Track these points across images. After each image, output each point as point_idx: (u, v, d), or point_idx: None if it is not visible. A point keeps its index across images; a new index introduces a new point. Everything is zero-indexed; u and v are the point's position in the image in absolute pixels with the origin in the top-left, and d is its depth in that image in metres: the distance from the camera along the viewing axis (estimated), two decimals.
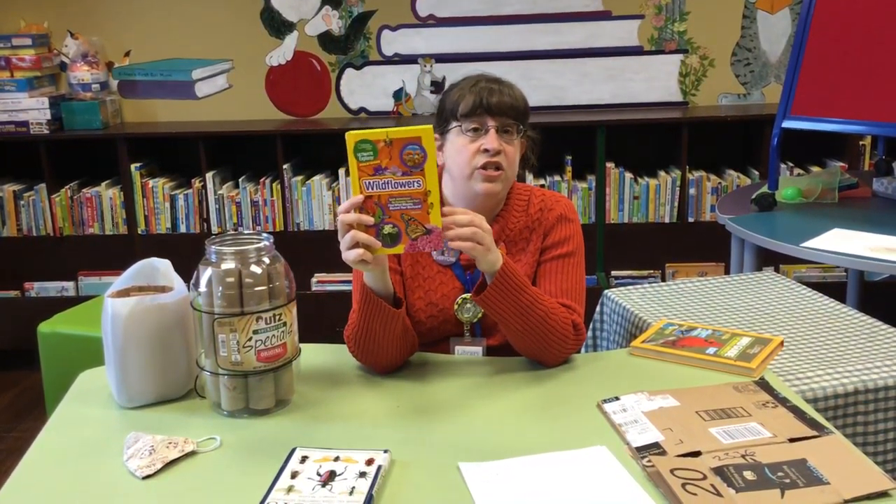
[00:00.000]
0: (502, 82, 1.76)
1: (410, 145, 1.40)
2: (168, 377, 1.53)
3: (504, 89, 1.73)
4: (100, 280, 3.80)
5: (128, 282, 1.59)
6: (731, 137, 3.86)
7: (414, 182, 1.41)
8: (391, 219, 1.43)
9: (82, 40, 3.82)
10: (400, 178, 1.41)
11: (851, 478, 1.21)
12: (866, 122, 2.62)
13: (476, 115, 1.70)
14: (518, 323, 1.60)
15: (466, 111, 1.70)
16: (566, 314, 1.66)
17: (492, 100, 1.70)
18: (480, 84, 1.73)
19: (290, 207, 3.71)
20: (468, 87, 1.73)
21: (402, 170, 1.41)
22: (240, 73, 3.92)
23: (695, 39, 3.81)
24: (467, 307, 1.74)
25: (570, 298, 1.73)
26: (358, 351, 1.64)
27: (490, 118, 1.70)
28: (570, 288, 1.74)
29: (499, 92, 1.71)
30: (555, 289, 1.73)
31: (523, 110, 1.75)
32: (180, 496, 1.25)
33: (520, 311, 1.59)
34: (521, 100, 1.75)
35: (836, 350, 1.82)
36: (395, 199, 1.42)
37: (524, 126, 1.76)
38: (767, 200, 2.72)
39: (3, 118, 3.69)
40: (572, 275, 1.76)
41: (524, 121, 1.76)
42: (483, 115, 1.70)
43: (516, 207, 1.80)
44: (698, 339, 1.73)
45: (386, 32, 3.86)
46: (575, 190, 3.67)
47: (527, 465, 1.30)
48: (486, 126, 1.70)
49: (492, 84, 1.73)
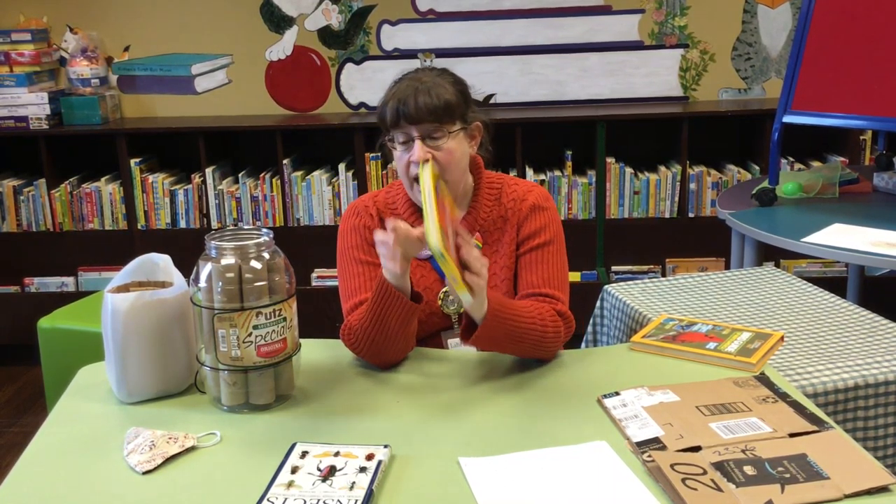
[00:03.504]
0: (423, 81, 1.65)
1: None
2: (168, 372, 1.53)
3: (424, 88, 1.63)
4: (100, 275, 3.80)
5: (128, 277, 1.59)
6: (731, 132, 3.85)
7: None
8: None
9: (82, 35, 3.82)
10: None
11: (851, 473, 1.21)
12: (867, 117, 2.62)
13: (399, 126, 1.64)
14: (514, 349, 1.61)
15: (391, 123, 1.65)
16: (553, 316, 1.64)
17: (409, 108, 1.62)
18: (401, 89, 1.65)
19: (290, 203, 3.71)
20: (391, 94, 1.67)
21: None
22: (239, 68, 3.92)
23: (695, 34, 3.81)
24: (451, 299, 1.73)
25: (553, 287, 1.70)
26: (364, 346, 1.62)
27: (413, 127, 1.63)
28: (551, 276, 1.71)
29: (414, 96, 1.62)
30: (536, 279, 1.71)
31: (450, 106, 1.65)
32: (180, 491, 1.25)
33: (514, 340, 1.57)
34: (443, 97, 1.64)
35: (837, 345, 1.82)
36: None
37: (458, 121, 1.67)
38: (768, 195, 2.72)
39: (3, 113, 3.68)
40: (552, 263, 1.73)
41: (454, 116, 1.66)
42: (405, 125, 1.64)
43: (487, 197, 1.78)
44: (699, 334, 1.73)
45: (386, 27, 3.85)
46: (575, 185, 3.67)
47: (527, 460, 1.30)
48: (411, 135, 1.64)
49: (415, 84, 1.64)
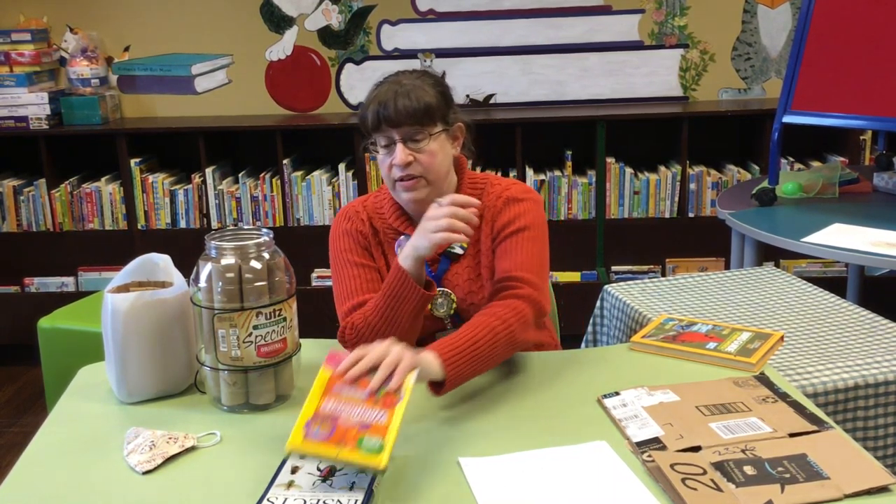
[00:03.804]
0: (403, 84, 1.65)
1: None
2: (168, 372, 1.53)
3: (404, 91, 1.63)
4: (100, 275, 3.80)
5: (128, 277, 1.59)
6: (731, 132, 3.85)
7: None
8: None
9: (82, 35, 3.82)
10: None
11: (851, 473, 1.21)
12: (867, 117, 2.62)
13: (381, 129, 1.65)
14: (492, 364, 1.56)
15: (372, 127, 1.66)
16: (510, 307, 1.58)
17: (389, 112, 1.62)
18: (381, 92, 1.65)
19: (290, 203, 3.71)
20: (372, 98, 1.67)
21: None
22: (239, 68, 3.92)
23: (695, 34, 3.81)
24: (439, 302, 1.73)
25: (523, 270, 1.64)
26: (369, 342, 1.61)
27: (394, 130, 1.64)
28: (524, 261, 1.66)
29: (394, 99, 1.62)
30: (508, 265, 1.66)
31: (430, 109, 1.64)
32: (180, 491, 1.25)
33: (486, 362, 1.53)
34: (423, 100, 1.63)
35: (837, 345, 1.82)
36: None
37: (440, 122, 1.67)
38: (768, 195, 2.72)
39: (3, 113, 3.68)
40: (526, 248, 1.68)
41: (435, 118, 1.66)
42: (387, 128, 1.64)
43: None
44: (698, 334, 1.73)
45: (386, 27, 3.85)
46: (575, 185, 3.67)
47: (527, 460, 1.30)
48: (393, 139, 1.65)
49: (395, 87, 1.65)
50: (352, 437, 1.18)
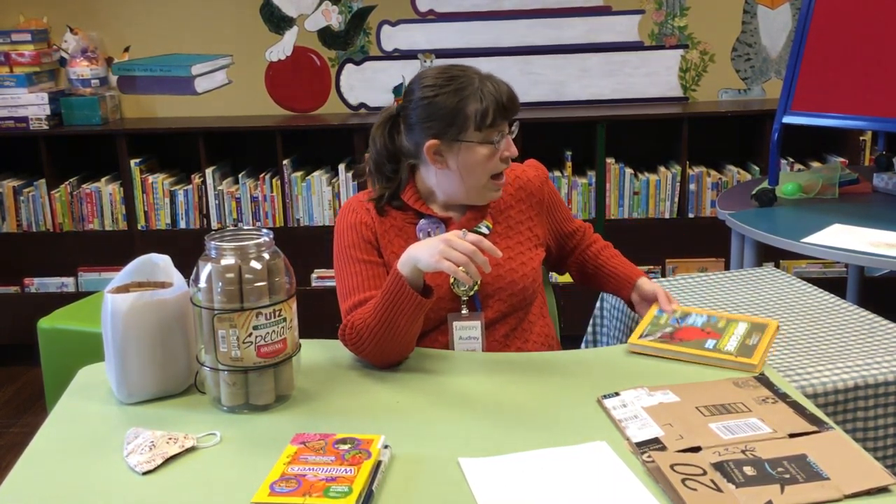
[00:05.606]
0: (496, 78, 1.70)
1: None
2: (168, 373, 1.53)
3: (505, 86, 1.69)
4: (99, 276, 3.80)
5: (127, 277, 1.59)
6: (731, 133, 3.85)
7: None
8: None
9: (82, 35, 3.82)
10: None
11: (851, 473, 1.21)
12: (867, 118, 2.62)
13: (496, 124, 1.66)
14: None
15: (491, 120, 1.65)
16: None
17: (505, 101, 1.64)
18: (487, 86, 1.66)
19: (290, 203, 3.71)
20: (479, 92, 1.66)
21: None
22: (239, 68, 3.92)
23: (695, 35, 3.81)
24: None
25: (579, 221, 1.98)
26: (368, 344, 1.60)
27: (505, 123, 1.66)
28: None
29: (508, 93, 1.67)
30: (575, 225, 1.95)
31: None
32: (180, 492, 1.25)
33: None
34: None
35: (836, 345, 1.82)
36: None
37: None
38: (768, 196, 2.72)
39: (3, 114, 3.69)
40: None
41: None
42: (502, 121, 1.66)
43: None
44: (695, 328, 1.72)
45: (386, 27, 3.86)
46: (575, 185, 3.67)
47: (527, 461, 1.30)
48: (504, 132, 1.67)
49: (497, 82, 1.68)
50: (318, 488, 1.20)
